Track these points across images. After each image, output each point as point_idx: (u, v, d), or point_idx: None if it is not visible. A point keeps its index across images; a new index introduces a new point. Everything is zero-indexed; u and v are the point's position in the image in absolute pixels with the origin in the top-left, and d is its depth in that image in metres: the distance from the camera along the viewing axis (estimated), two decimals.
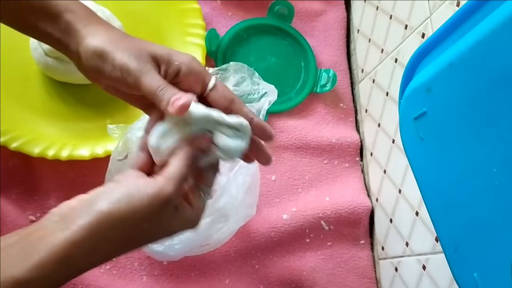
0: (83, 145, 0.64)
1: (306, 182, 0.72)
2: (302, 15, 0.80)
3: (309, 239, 0.70)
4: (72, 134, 0.66)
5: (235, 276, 0.66)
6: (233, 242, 0.67)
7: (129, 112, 0.69)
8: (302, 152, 0.74)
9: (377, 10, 0.72)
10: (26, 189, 0.64)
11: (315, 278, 0.67)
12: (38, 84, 0.68)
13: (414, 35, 0.61)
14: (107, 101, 0.69)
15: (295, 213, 0.69)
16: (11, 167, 0.64)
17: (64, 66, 0.64)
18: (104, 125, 0.67)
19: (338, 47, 0.80)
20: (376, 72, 0.71)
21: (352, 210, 0.70)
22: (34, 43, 0.65)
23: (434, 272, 0.55)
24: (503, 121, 0.33)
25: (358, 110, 0.78)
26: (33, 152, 0.62)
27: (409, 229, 0.61)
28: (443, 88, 0.38)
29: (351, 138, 0.75)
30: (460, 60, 0.36)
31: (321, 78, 0.77)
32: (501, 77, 0.32)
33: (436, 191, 0.42)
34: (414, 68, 0.46)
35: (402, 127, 0.44)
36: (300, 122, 0.75)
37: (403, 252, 0.62)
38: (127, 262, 0.65)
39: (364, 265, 0.70)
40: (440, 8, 0.55)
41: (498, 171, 0.34)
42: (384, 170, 0.68)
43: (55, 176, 0.65)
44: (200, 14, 0.74)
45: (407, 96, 0.43)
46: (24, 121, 0.65)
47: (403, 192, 0.62)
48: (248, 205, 0.61)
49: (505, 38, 0.32)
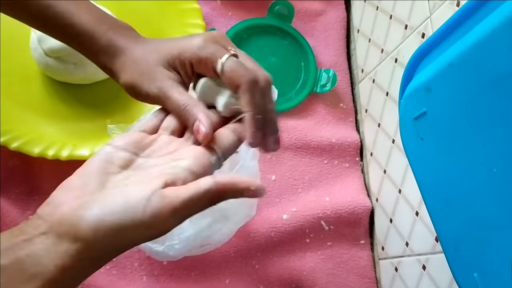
0: (83, 145, 0.64)
1: (306, 182, 0.72)
2: (302, 15, 0.80)
3: (309, 239, 0.70)
4: (72, 134, 0.66)
5: (235, 276, 0.66)
6: (233, 242, 0.67)
7: (129, 112, 0.69)
8: (302, 152, 0.74)
9: (377, 10, 0.72)
10: (26, 189, 0.64)
11: (315, 278, 0.67)
12: (38, 84, 0.68)
13: (414, 35, 0.61)
14: (107, 101, 0.69)
15: (295, 213, 0.69)
16: (11, 167, 0.64)
17: (64, 66, 0.64)
18: (104, 125, 0.67)
19: (338, 47, 0.80)
20: (376, 72, 0.71)
21: (352, 210, 0.70)
22: (34, 43, 0.64)
23: (434, 272, 0.55)
24: (503, 121, 0.33)
25: (358, 110, 0.78)
26: (33, 152, 0.62)
27: (409, 229, 0.61)
28: (443, 88, 0.38)
29: (351, 138, 0.75)
30: (460, 60, 0.36)
31: (321, 78, 0.77)
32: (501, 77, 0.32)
33: (436, 191, 0.42)
34: (414, 68, 0.46)
35: (402, 127, 0.44)
36: (300, 122, 0.75)
37: (403, 252, 0.62)
38: (127, 262, 0.65)
39: (364, 265, 0.70)
40: (440, 8, 0.55)
41: (498, 171, 0.34)
42: (384, 170, 0.68)
43: (55, 176, 0.65)
44: (200, 14, 0.74)
45: (407, 96, 0.43)
46: (24, 121, 0.65)
47: (403, 192, 0.62)
48: (248, 205, 0.61)
49: (505, 38, 0.32)
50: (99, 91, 0.69)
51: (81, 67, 0.64)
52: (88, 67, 0.65)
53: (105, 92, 0.69)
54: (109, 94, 0.69)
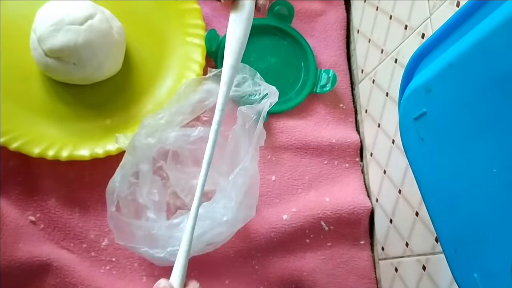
0: (83, 145, 0.64)
1: (306, 183, 0.72)
2: (302, 16, 0.80)
3: (309, 240, 0.70)
4: (72, 134, 0.66)
5: (235, 277, 0.66)
6: (233, 243, 0.67)
7: (129, 112, 0.69)
8: (302, 153, 0.74)
9: (377, 10, 0.72)
10: (26, 189, 0.64)
11: (315, 279, 0.67)
12: (38, 84, 0.68)
13: (414, 35, 0.61)
14: (107, 101, 0.69)
15: (295, 213, 0.69)
16: (11, 167, 0.64)
17: (64, 66, 0.64)
18: (104, 125, 0.68)
19: (338, 48, 0.80)
20: (376, 72, 0.71)
21: (352, 211, 0.70)
22: (34, 43, 0.64)
23: (434, 272, 0.55)
24: (503, 121, 0.33)
25: (358, 111, 0.78)
26: (33, 152, 0.62)
27: (409, 229, 0.61)
28: (443, 88, 0.38)
29: (351, 138, 0.75)
30: (460, 60, 0.36)
31: (321, 79, 0.77)
32: (501, 77, 0.32)
33: (436, 191, 0.42)
34: (414, 68, 0.46)
35: (402, 127, 0.44)
36: (300, 123, 0.75)
37: (403, 253, 0.62)
38: (127, 263, 0.65)
39: (364, 265, 0.70)
40: (440, 8, 0.55)
41: (498, 171, 0.34)
42: (384, 170, 0.68)
43: (55, 176, 0.65)
44: (200, 14, 0.74)
45: (407, 96, 0.43)
46: (24, 121, 0.65)
47: (403, 192, 0.62)
48: (247, 206, 0.61)
49: (505, 38, 0.32)
50: (99, 91, 0.69)
51: (81, 67, 0.64)
52: (88, 67, 0.65)
53: (105, 92, 0.69)
54: (109, 94, 0.69)
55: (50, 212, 0.64)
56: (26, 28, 0.66)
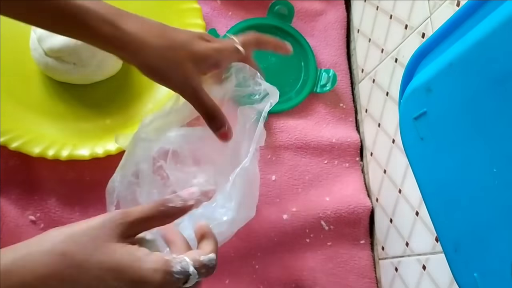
0: (83, 145, 0.64)
1: (306, 182, 0.72)
2: (302, 15, 0.80)
3: (309, 239, 0.69)
4: (72, 134, 0.66)
5: (235, 276, 0.66)
6: (233, 242, 0.66)
7: (129, 112, 0.69)
8: (302, 152, 0.74)
9: (377, 10, 0.72)
10: (26, 189, 0.64)
11: (315, 278, 0.67)
12: (38, 84, 0.68)
13: (414, 35, 0.61)
14: (107, 101, 0.69)
15: (295, 213, 0.69)
16: (11, 167, 0.64)
17: (64, 66, 0.64)
18: (104, 125, 0.68)
19: (338, 47, 0.80)
20: (376, 72, 0.71)
21: (352, 210, 0.70)
22: (34, 43, 0.65)
23: (434, 272, 0.55)
24: (503, 121, 0.33)
25: (358, 110, 0.78)
26: (33, 152, 0.62)
27: (409, 229, 0.61)
28: (443, 88, 0.38)
29: (351, 138, 0.75)
30: (460, 60, 0.36)
31: (321, 78, 0.77)
32: (501, 77, 0.32)
33: (436, 191, 0.42)
34: (414, 68, 0.46)
35: (402, 127, 0.44)
36: (300, 122, 0.75)
37: (403, 252, 0.62)
38: None
39: (364, 265, 0.70)
40: (440, 8, 0.55)
41: (498, 171, 0.34)
42: (384, 170, 0.68)
43: (55, 176, 0.65)
44: (200, 14, 0.74)
45: (407, 96, 0.43)
46: (24, 121, 0.65)
47: (403, 192, 0.62)
48: (248, 206, 0.61)
49: (505, 38, 0.32)
50: (99, 91, 0.69)
51: (81, 67, 0.64)
52: (88, 67, 0.65)
53: (105, 92, 0.69)
54: (109, 94, 0.69)
55: (50, 212, 0.64)
56: (26, 28, 0.66)
